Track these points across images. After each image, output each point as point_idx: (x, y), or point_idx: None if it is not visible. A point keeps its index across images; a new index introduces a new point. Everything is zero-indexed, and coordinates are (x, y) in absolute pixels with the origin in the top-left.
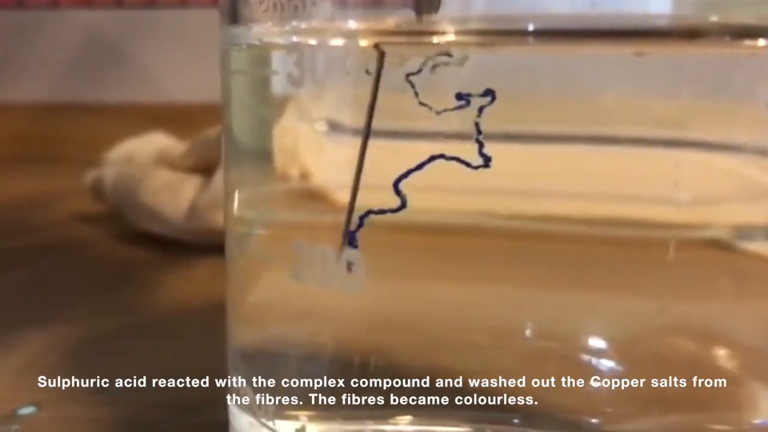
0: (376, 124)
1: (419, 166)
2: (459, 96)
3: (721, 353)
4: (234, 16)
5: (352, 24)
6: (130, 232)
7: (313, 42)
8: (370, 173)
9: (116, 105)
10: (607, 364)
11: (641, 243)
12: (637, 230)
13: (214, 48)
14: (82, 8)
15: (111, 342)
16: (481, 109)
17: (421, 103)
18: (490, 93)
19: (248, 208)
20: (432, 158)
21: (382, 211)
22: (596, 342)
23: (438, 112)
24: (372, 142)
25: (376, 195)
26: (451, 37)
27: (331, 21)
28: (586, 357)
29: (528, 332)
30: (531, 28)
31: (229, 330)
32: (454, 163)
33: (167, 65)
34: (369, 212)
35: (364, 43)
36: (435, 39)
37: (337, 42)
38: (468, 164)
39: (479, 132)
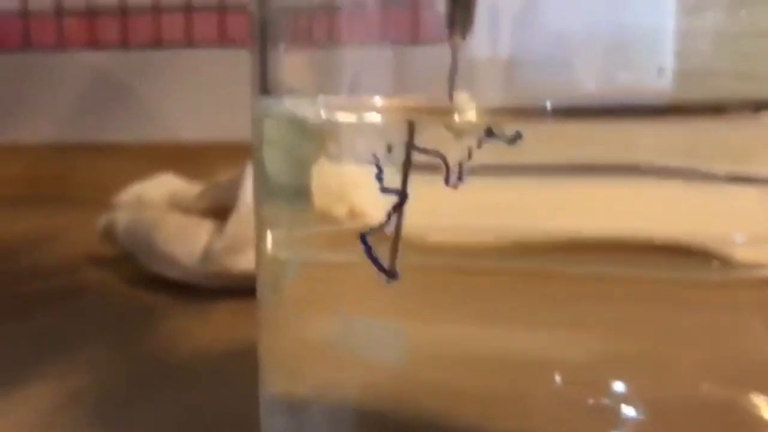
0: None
1: (425, 151)
2: (489, 132)
3: (758, 401)
4: (265, 87)
5: (383, 99)
6: (143, 275)
7: (346, 117)
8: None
9: (124, 144)
10: (630, 411)
11: (680, 282)
12: (679, 270)
13: (220, 87)
14: (88, 49)
15: (130, 393)
16: (480, 142)
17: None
18: (518, 134)
19: (283, 249)
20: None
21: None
22: (621, 387)
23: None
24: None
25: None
26: (473, 115)
27: (363, 94)
28: (610, 403)
29: (553, 376)
30: (549, 107)
31: (262, 377)
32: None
33: (174, 105)
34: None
35: (395, 119)
36: (457, 116)
37: (370, 117)
38: (447, 176)
39: (469, 158)
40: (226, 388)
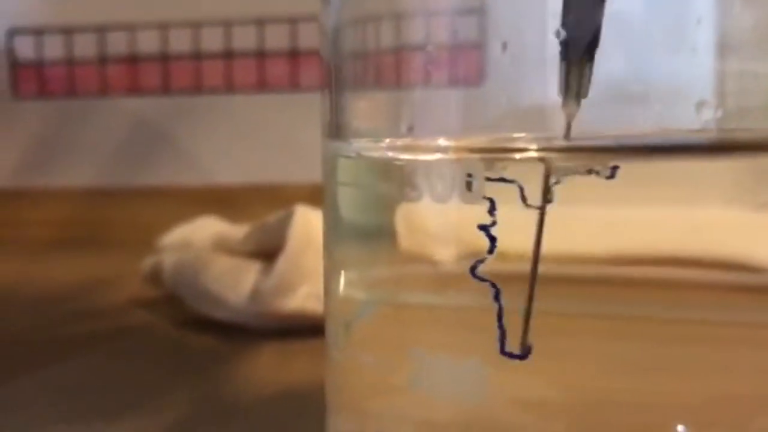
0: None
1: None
2: (589, 170)
3: None
4: (336, 131)
5: (454, 139)
6: (190, 317)
7: (425, 157)
8: None
9: (164, 188)
10: None
11: None
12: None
13: (259, 131)
14: (130, 95)
15: None
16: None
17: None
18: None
19: (359, 290)
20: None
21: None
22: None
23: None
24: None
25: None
26: (533, 153)
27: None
28: None
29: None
30: (615, 144)
31: (329, 418)
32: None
33: (214, 149)
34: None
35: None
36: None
37: (446, 156)
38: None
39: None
40: (277, 428)
